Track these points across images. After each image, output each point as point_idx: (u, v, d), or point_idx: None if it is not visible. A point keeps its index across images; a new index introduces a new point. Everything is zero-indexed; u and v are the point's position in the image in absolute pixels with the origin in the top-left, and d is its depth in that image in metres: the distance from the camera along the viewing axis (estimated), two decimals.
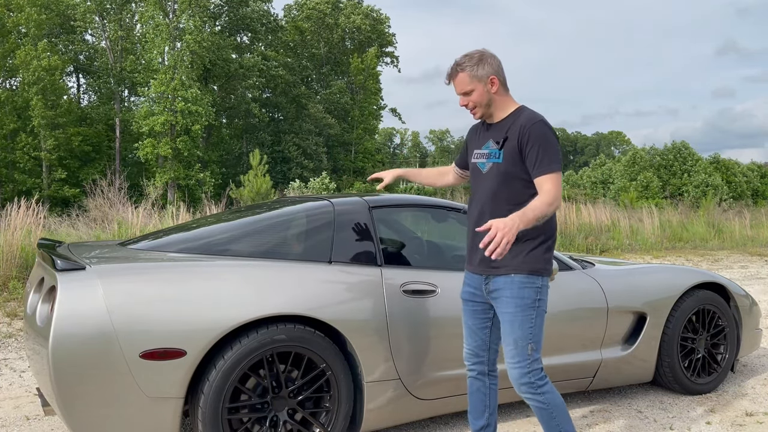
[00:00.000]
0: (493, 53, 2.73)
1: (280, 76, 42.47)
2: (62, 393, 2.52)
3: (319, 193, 21.90)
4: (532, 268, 2.63)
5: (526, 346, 2.61)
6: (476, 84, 2.68)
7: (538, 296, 2.63)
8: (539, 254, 2.64)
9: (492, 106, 2.72)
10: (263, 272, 2.93)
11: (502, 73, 2.71)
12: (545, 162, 2.56)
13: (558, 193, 2.54)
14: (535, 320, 2.62)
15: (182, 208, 10.34)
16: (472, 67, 2.68)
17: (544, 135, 2.59)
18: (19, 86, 35.24)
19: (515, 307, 2.61)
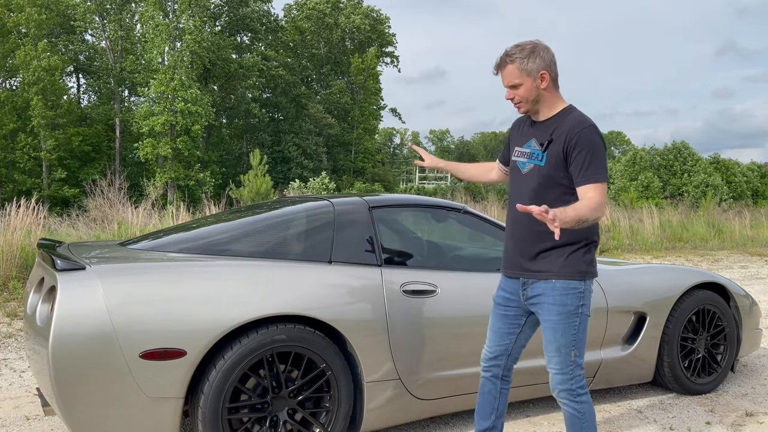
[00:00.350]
0: (547, 46, 2.56)
1: (280, 76, 42.48)
2: (62, 393, 2.52)
3: (318, 193, 21.90)
4: (573, 272, 2.52)
5: (569, 353, 2.53)
6: (525, 78, 2.52)
7: (581, 302, 2.53)
8: (579, 257, 2.54)
9: (539, 102, 2.57)
10: (263, 272, 2.93)
11: (554, 69, 2.55)
12: (592, 170, 2.42)
13: (602, 203, 2.40)
14: (578, 326, 2.53)
15: (182, 208, 10.34)
16: (523, 59, 2.51)
17: (593, 142, 2.45)
18: (19, 86, 35.25)
19: (558, 314, 2.52)
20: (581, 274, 2.53)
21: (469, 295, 3.30)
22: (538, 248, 2.56)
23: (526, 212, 2.28)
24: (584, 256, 2.55)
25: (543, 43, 2.56)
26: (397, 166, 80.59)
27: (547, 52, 2.54)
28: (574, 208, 2.32)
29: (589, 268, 2.56)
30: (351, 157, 47.97)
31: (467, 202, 16.60)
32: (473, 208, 5.52)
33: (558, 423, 3.56)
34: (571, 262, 2.52)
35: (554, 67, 2.55)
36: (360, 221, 3.27)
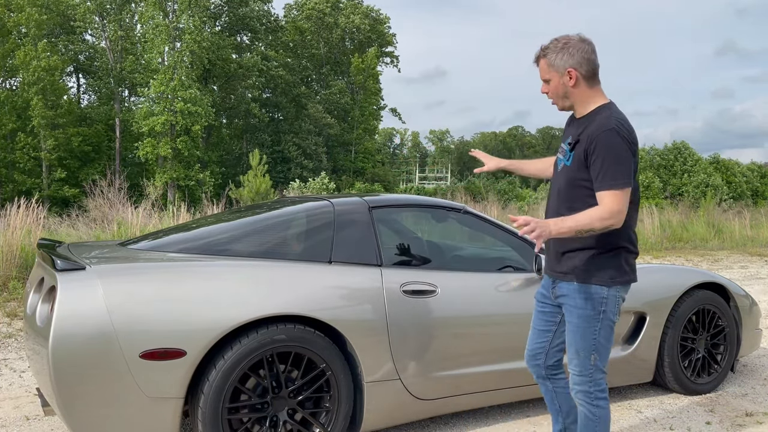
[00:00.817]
0: (586, 41, 2.49)
1: (280, 76, 42.50)
2: (62, 393, 2.52)
3: (318, 193, 21.91)
4: (594, 277, 2.47)
5: (589, 356, 2.51)
6: (553, 74, 2.50)
7: (602, 307, 2.48)
8: (604, 262, 2.47)
9: (569, 99, 2.53)
10: (263, 272, 2.93)
11: (586, 66, 2.47)
12: (608, 176, 2.36)
13: (615, 211, 2.34)
14: (599, 332, 2.49)
15: (182, 208, 10.34)
16: (552, 54, 2.48)
17: (611, 146, 2.37)
18: (19, 86, 35.25)
19: (578, 317, 2.51)
20: (605, 280, 2.47)
21: (469, 295, 3.30)
22: (563, 248, 2.55)
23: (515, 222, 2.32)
24: (610, 262, 2.47)
25: (580, 38, 2.49)
26: (397, 166, 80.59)
27: (581, 49, 2.46)
28: (575, 218, 2.33)
29: (617, 274, 2.48)
30: (351, 157, 47.98)
31: (467, 202, 16.60)
32: (473, 208, 5.52)
33: None
34: (594, 266, 2.47)
35: (588, 65, 2.47)
36: (360, 221, 3.27)
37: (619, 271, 2.49)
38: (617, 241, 2.48)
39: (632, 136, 2.43)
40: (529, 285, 3.49)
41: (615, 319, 2.53)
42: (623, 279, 2.50)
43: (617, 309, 2.52)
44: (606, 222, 2.33)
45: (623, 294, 2.53)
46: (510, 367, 3.40)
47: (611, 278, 2.47)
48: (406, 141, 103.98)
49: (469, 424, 3.53)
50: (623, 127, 2.41)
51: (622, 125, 2.41)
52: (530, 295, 3.47)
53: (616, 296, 2.50)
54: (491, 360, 3.35)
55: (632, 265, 2.55)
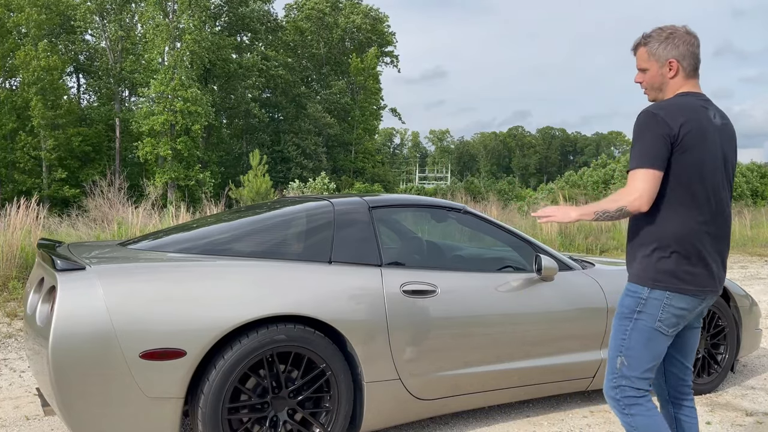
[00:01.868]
0: (692, 33, 2.37)
1: (280, 75, 42.50)
2: (62, 393, 2.52)
3: (319, 193, 21.91)
4: (638, 275, 2.33)
5: (616, 358, 2.36)
6: (652, 63, 2.38)
7: (637, 307, 2.31)
8: (651, 263, 2.30)
9: (663, 91, 2.40)
10: (263, 272, 2.93)
11: (690, 60, 2.34)
12: (630, 157, 2.28)
13: (628, 192, 2.22)
14: (629, 333, 2.32)
15: (182, 209, 10.34)
16: (655, 43, 2.36)
17: (638, 126, 2.28)
18: (18, 86, 35.25)
19: (615, 315, 2.40)
20: (646, 280, 2.30)
21: (469, 295, 3.30)
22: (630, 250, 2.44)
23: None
24: (657, 263, 2.29)
25: (687, 30, 2.37)
26: (397, 166, 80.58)
27: (686, 42, 2.34)
28: (598, 202, 2.31)
29: (664, 278, 2.28)
30: (351, 157, 47.98)
31: (467, 202, 16.60)
32: (473, 208, 5.52)
33: (558, 423, 3.57)
34: (639, 266, 2.34)
35: (691, 59, 2.35)
36: (360, 221, 3.27)
37: (669, 275, 2.28)
38: (666, 241, 2.29)
39: (669, 119, 2.23)
40: (529, 285, 3.49)
41: (656, 326, 2.29)
42: (673, 285, 2.27)
43: (661, 315, 2.29)
44: (617, 203, 2.24)
45: (677, 303, 2.28)
46: (510, 367, 3.40)
47: (654, 280, 2.29)
48: (406, 141, 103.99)
49: (469, 424, 3.53)
50: (661, 109, 2.27)
51: (662, 106, 2.28)
52: (530, 295, 3.47)
53: (659, 301, 2.28)
54: (491, 360, 3.35)
55: (695, 274, 2.28)
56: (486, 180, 50.25)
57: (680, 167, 2.24)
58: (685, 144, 2.23)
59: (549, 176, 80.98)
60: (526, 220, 14.01)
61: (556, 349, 3.54)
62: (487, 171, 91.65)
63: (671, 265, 2.28)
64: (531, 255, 3.58)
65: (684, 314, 2.32)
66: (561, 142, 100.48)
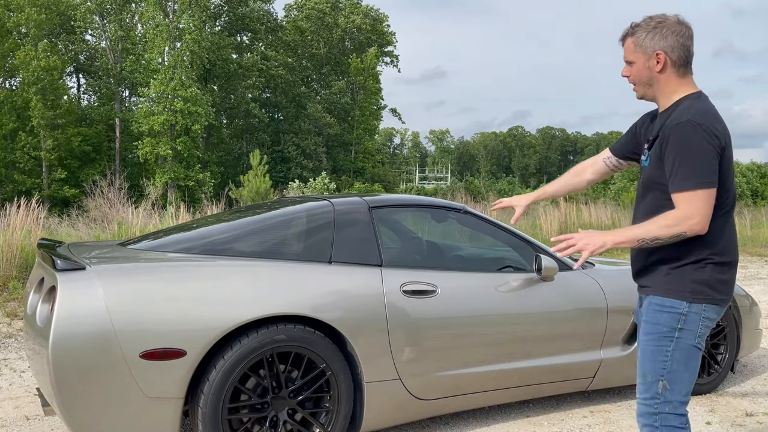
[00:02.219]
0: (684, 23, 2.18)
1: (280, 75, 42.50)
2: (62, 393, 2.52)
3: (319, 193, 21.91)
4: (673, 289, 2.15)
5: (656, 382, 2.15)
6: (639, 55, 2.19)
7: (678, 324, 2.13)
8: (686, 274, 2.14)
9: (654, 87, 2.22)
10: (263, 272, 2.93)
11: (679, 51, 2.15)
12: (679, 175, 2.05)
13: (683, 217, 2.04)
14: (671, 353, 2.13)
15: (182, 209, 10.34)
16: (642, 33, 2.18)
17: (684, 140, 2.05)
18: (18, 86, 35.26)
19: (647, 333, 2.19)
20: (685, 294, 2.14)
21: (469, 295, 3.30)
22: (646, 261, 2.26)
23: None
24: (693, 274, 2.14)
25: (678, 19, 2.18)
26: (397, 166, 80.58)
27: (675, 32, 2.15)
28: (641, 226, 2.09)
29: (701, 289, 2.13)
30: (351, 157, 47.98)
31: (467, 202, 16.60)
32: (473, 208, 5.52)
33: (558, 423, 3.57)
34: (673, 278, 2.16)
35: (681, 50, 2.16)
36: (360, 221, 3.27)
37: (705, 287, 2.14)
38: (704, 252, 2.14)
39: (715, 129, 2.07)
40: (529, 285, 3.49)
41: (696, 342, 2.15)
42: (709, 297, 2.14)
43: (700, 331, 2.15)
44: (673, 229, 2.05)
45: (711, 314, 2.16)
46: (510, 367, 3.40)
47: (693, 293, 2.13)
48: (406, 141, 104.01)
49: (469, 424, 3.53)
50: (703, 119, 2.07)
51: (701, 116, 2.08)
52: (530, 295, 3.47)
53: (698, 315, 2.14)
54: (491, 360, 3.35)
55: (725, 282, 2.17)
56: (486, 180, 50.24)
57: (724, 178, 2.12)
58: (726, 154, 2.11)
59: (549, 176, 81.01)
60: (526, 220, 14.01)
61: (556, 349, 3.54)
62: (487, 171, 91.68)
63: (704, 275, 2.15)
64: (531, 255, 3.58)
65: (712, 325, 2.20)
66: (561, 142, 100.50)
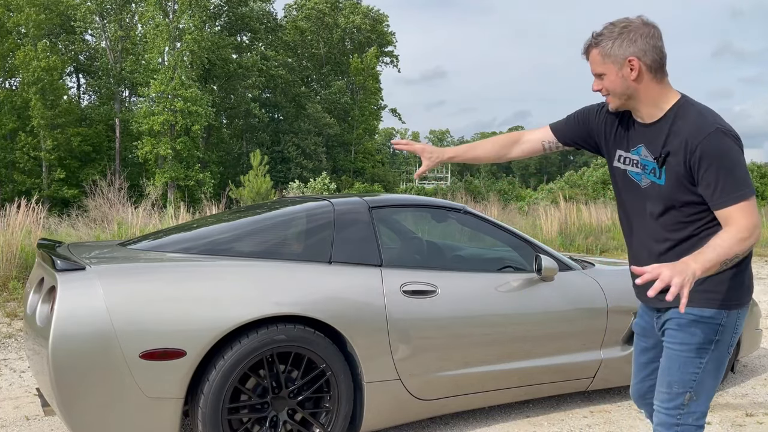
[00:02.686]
0: (650, 24, 2.02)
1: (280, 75, 42.50)
2: (62, 393, 2.52)
3: (319, 193, 21.92)
4: (709, 298, 2.02)
5: (683, 394, 2.04)
6: (609, 66, 2.02)
7: (716, 336, 2.02)
8: (722, 282, 2.02)
9: (634, 98, 2.05)
10: (263, 272, 2.93)
11: (652, 54, 1.99)
12: (728, 188, 1.92)
13: (752, 226, 1.92)
14: (704, 365, 2.02)
15: (182, 209, 10.34)
16: (608, 42, 2.00)
17: (723, 151, 1.92)
18: (18, 86, 35.26)
19: (679, 344, 2.05)
20: (725, 302, 2.03)
21: (469, 296, 3.30)
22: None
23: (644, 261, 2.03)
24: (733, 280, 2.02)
25: (643, 21, 2.02)
26: (397, 166, 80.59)
27: (644, 34, 1.98)
28: (714, 248, 1.88)
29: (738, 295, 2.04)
30: (351, 157, 47.98)
31: (467, 202, 16.60)
32: (473, 208, 5.52)
33: (558, 423, 3.57)
34: (708, 286, 2.02)
35: (654, 53, 1.99)
36: (360, 221, 3.27)
37: (741, 291, 2.05)
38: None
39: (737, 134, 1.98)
40: (529, 285, 3.49)
41: (728, 350, 2.06)
42: (743, 301, 2.06)
43: (734, 339, 2.06)
44: (747, 242, 1.92)
45: (742, 320, 2.09)
46: (510, 367, 3.40)
47: (731, 300, 2.02)
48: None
49: (469, 424, 3.53)
50: (725, 125, 1.96)
51: (723, 123, 1.97)
52: (530, 295, 3.47)
53: (733, 322, 2.05)
54: (491, 360, 3.35)
55: (749, 285, 2.10)
56: (486, 180, 50.15)
57: None
58: None
59: (549, 176, 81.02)
60: (526, 220, 14.01)
61: (557, 350, 3.54)
62: (487, 171, 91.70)
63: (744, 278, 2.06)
64: (531, 255, 3.58)
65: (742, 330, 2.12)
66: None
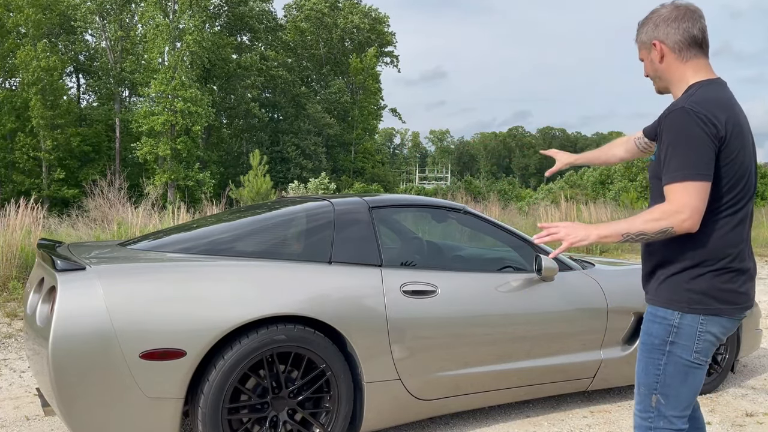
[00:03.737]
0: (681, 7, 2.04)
1: (280, 75, 42.50)
2: (62, 393, 2.52)
3: (317, 193, 21.91)
4: (666, 298, 2.00)
5: (650, 395, 2.04)
6: (644, 52, 2.10)
7: (669, 337, 1.98)
8: (680, 282, 1.98)
9: (664, 80, 2.09)
10: (263, 272, 2.93)
11: (675, 36, 2.01)
12: (671, 166, 1.90)
13: (675, 210, 1.88)
14: (663, 367, 2.00)
15: (182, 209, 10.34)
16: (641, 29, 2.10)
17: (676, 128, 1.90)
18: (18, 86, 35.25)
19: (642, 344, 2.07)
20: (676, 305, 1.97)
21: (469, 295, 3.30)
22: (647, 268, 2.13)
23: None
24: (689, 283, 1.96)
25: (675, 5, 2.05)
26: (397, 166, 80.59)
27: (667, 19, 2.02)
28: (628, 220, 1.95)
29: (698, 299, 1.95)
30: (351, 157, 47.98)
31: (467, 202, 16.60)
32: (473, 208, 5.52)
33: (558, 423, 3.57)
34: (667, 286, 2.01)
35: (677, 34, 2.01)
36: (360, 221, 3.27)
37: (704, 296, 1.96)
38: (704, 257, 1.96)
39: (713, 116, 1.89)
40: (529, 285, 3.49)
41: (693, 358, 1.98)
42: (710, 308, 1.96)
43: (697, 345, 1.97)
44: (659, 224, 1.89)
45: (713, 327, 1.97)
46: (510, 367, 3.40)
47: (688, 303, 1.96)
48: (406, 141, 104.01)
49: (469, 424, 3.53)
50: (700, 105, 1.90)
51: (699, 103, 1.91)
52: (530, 295, 3.47)
53: (693, 327, 1.96)
54: (491, 360, 3.35)
55: (733, 291, 1.97)
56: (486, 180, 50.27)
57: (725, 172, 1.93)
58: (731, 146, 1.92)
59: (549, 176, 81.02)
60: (526, 220, 14.01)
61: (556, 350, 3.54)
62: (487, 171, 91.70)
63: (708, 283, 1.96)
64: (531, 255, 3.58)
65: (721, 339, 2.03)
66: (561, 142, 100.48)
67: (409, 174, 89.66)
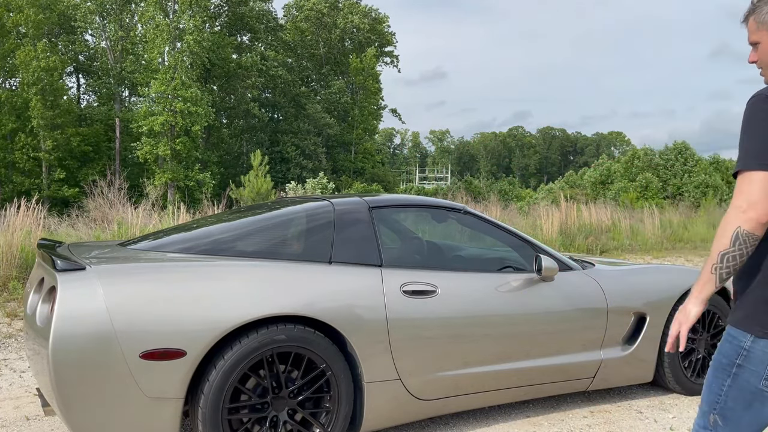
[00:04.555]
0: None
1: (280, 75, 42.50)
2: (62, 393, 2.52)
3: (316, 193, 21.91)
4: (740, 317, 1.80)
5: (708, 413, 1.87)
6: (763, 34, 1.84)
7: (737, 359, 1.78)
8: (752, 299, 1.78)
9: None
10: (263, 272, 2.93)
11: None
12: (739, 156, 1.72)
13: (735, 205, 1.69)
14: (727, 389, 1.81)
15: (182, 209, 10.33)
16: (765, 6, 1.82)
17: (751, 117, 1.72)
18: (18, 86, 35.26)
19: (713, 360, 1.88)
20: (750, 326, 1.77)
21: (469, 296, 3.30)
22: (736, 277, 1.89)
23: None
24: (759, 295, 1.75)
25: None
26: (397, 166, 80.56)
27: None
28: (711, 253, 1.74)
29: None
30: (351, 157, 47.98)
31: (467, 202, 16.59)
32: (473, 208, 5.52)
33: (558, 423, 3.57)
34: (740, 304, 1.82)
35: None
36: (360, 221, 3.27)
37: None
38: None
39: None
40: (529, 285, 3.49)
41: (762, 385, 1.76)
42: None
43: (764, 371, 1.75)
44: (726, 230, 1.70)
45: None
46: (510, 367, 3.40)
47: (762, 327, 1.74)
48: (406, 141, 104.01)
49: (469, 424, 3.53)
50: None
51: None
52: (530, 295, 3.47)
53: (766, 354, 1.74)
54: (491, 360, 3.35)
55: None
56: (486, 180, 50.28)
57: None
58: None
59: (549, 176, 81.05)
60: (526, 220, 14.01)
61: (557, 350, 3.54)
62: (487, 171, 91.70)
63: None
64: (531, 255, 3.58)
65: None
66: (561, 142, 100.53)
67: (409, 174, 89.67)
